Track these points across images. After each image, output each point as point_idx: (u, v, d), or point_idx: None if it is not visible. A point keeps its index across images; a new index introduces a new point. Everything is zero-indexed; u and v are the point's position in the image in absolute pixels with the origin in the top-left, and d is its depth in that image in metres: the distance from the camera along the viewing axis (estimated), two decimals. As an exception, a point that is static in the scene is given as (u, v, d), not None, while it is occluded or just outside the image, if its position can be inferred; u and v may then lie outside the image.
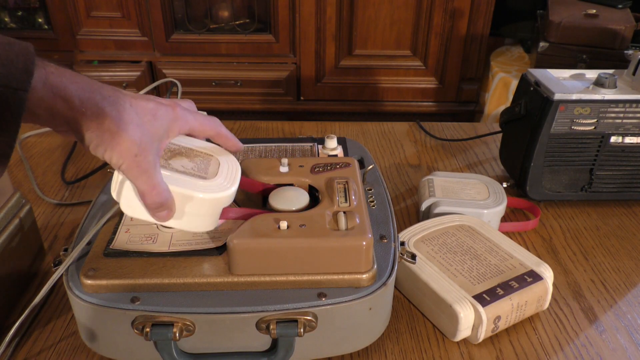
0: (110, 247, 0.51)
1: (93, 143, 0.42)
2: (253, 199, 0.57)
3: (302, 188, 0.55)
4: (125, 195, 0.47)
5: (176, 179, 0.47)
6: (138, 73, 2.20)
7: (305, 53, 2.17)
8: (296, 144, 0.75)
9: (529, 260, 0.59)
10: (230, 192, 0.49)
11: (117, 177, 0.48)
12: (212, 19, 2.21)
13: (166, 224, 0.48)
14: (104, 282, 0.47)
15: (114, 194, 0.49)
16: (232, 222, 0.52)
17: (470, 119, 2.29)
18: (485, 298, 0.54)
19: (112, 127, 0.42)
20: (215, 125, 0.52)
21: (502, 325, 0.55)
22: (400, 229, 0.68)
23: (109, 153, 0.43)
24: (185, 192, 0.47)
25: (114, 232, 0.53)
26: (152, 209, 0.46)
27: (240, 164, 0.58)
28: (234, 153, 0.54)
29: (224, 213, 0.50)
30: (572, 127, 0.72)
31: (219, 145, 0.53)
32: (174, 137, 0.48)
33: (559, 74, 0.78)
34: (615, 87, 0.72)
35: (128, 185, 0.46)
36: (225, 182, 0.49)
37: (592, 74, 0.77)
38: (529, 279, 0.56)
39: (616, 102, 0.71)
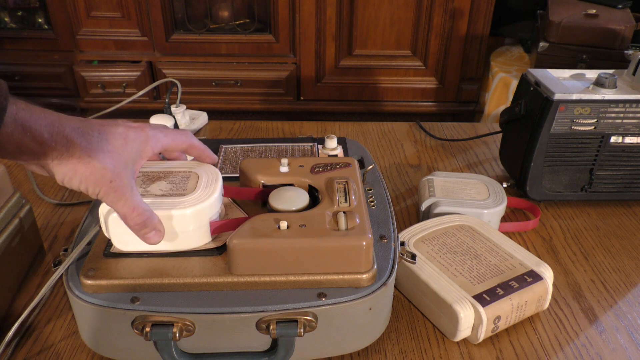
0: (110, 247, 0.51)
1: (67, 176, 0.43)
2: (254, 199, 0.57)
3: (302, 188, 0.55)
4: (114, 233, 0.48)
5: (156, 204, 0.48)
6: (138, 73, 2.20)
7: (305, 53, 2.17)
8: (296, 144, 0.75)
9: (529, 260, 0.59)
10: (211, 201, 0.49)
11: (102, 212, 0.48)
12: (212, 19, 2.21)
13: (161, 247, 0.49)
14: (104, 282, 0.47)
15: (105, 233, 0.50)
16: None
17: (470, 119, 2.29)
18: (485, 298, 0.54)
19: (84, 156, 0.42)
20: (187, 138, 0.52)
21: (502, 325, 0.55)
22: (400, 229, 0.68)
23: (84, 184, 0.43)
24: (166, 214, 0.47)
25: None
26: (137, 230, 0.46)
27: (240, 164, 0.59)
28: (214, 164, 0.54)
29: (216, 227, 0.50)
30: (572, 127, 0.72)
31: (194, 157, 0.54)
32: (147, 157, 0.48)
33: (559, 74, 0.78)
34: (615, 87, 0.72)
35: (113, 222, 0.47)
36: (204, 192, 0.50)
37: (592, 74, 0.77)
38: (529, 279, 0.56)
39: (616, 102, 0.71)
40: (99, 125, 0.45)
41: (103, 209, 0.48)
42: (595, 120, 0.72)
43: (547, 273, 0.58)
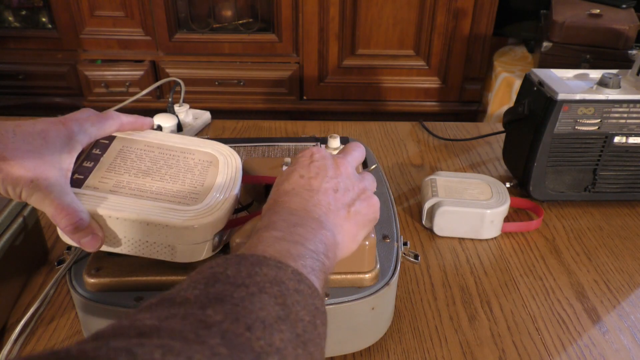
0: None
1: None
2: (255, 197, 0.57)
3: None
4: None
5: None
6: (141, 72, 2.20)
7: (308, 52, 2.17)
8: (299, 144, 0.75)
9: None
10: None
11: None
12: (215, 19, 2.21)
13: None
14: (107, 280, 0.47)
15: None
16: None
17: (473, 118, 2.29)
18: None
19: (1, 155, 0.40)
20: (114, 121, 0.49)
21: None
22: (402, 229, 0.68)
23: (3, 185, 0.41)
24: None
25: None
26: (70, 233, 0.42)
27: (243, 163, 0.59)
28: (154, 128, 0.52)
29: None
30: (576, 127, 0.72)
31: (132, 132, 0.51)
32: (77, 152, 0.45)
33: (562, 73, 0.78)
34: (619, 87, 0.72)
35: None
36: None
37: (595, 74, 0.77)
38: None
39: (620, 102, 0.71)
40: (14, 125, 0.43)
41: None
42: (599, 120, 0.72)
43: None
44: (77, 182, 0.45)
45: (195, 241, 0.45)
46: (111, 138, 0.50)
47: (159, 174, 0.47)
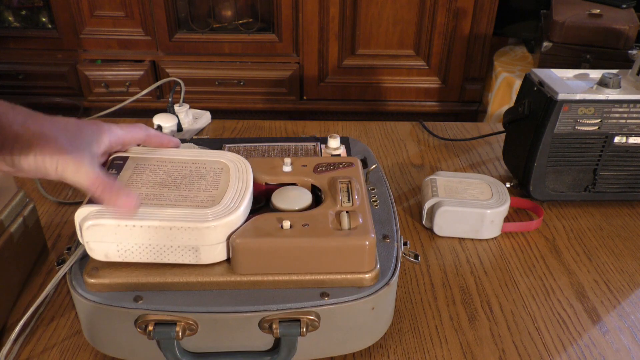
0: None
1: (24, 152, 0.42)
2: (257, 197, 0.57)
3: (305, 187, 0.55)
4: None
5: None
6: (141, 72, 2.20)
7: (308, 52, 2.17)
8: (299, 144, 0.75)
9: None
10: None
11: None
12: (215, 19, 2.21)
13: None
14: (107, 280, 0.47)
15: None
16: None
17: (473, 118, 2.29)
18: None
19: (37, 133, 0.42)
20: (142, 130, 0.52)
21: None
22: (403, 229, 0.68)
23: (40, 157, 0.42)
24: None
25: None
26: (108, 196, 0.44)
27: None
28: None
29: None
30: (576, 127, 0.72)
31: (155, 146, 0.54)
32: (105, 148, 0.48)
33: (562, 73, 0.78)
34: (619, 87, 0.72)
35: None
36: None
37: (595, 74, 0.77)
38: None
39: (620, 102, 0.71)
40: (49, 116, 0.45)
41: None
42: (599, 120, 0.72)
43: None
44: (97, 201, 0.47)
45: (217, 241, 0.47)
46: (125, 158, 0.52)
47: (174, 184, 0.49)
